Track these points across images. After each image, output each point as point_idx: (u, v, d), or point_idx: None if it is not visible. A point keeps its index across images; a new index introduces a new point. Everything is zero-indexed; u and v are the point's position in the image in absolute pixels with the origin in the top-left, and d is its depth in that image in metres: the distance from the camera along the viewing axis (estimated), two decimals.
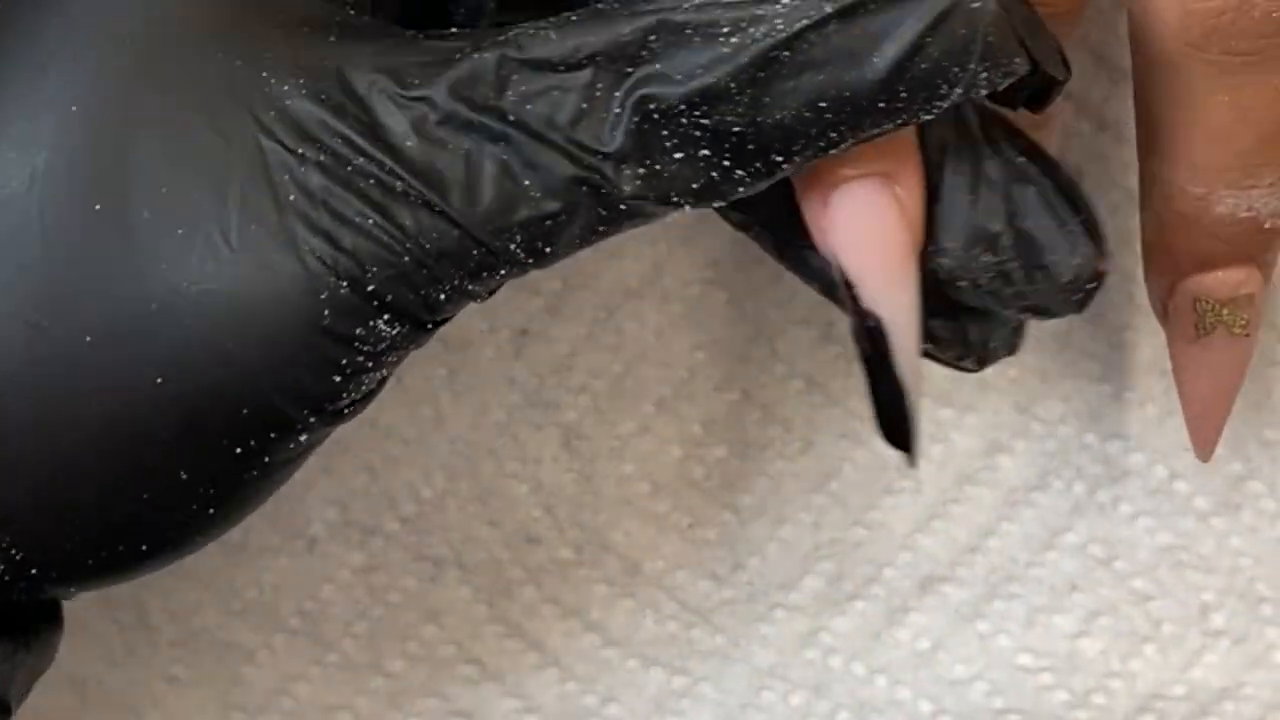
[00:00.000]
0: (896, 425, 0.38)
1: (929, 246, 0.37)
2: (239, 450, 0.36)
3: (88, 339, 0.35)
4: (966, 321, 0.39)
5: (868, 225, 0.36)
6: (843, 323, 0.47)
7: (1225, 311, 0.41)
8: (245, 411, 0.36)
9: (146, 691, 0.49)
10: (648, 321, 0.48)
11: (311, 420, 0.36)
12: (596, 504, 0.48)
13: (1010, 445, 0.48)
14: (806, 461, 0.48)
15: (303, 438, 0.37)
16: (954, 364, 0.40)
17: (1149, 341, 0.47)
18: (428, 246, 0.35)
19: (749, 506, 0.48)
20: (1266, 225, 0.40)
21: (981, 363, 0.40)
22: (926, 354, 0.38)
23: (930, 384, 0.48)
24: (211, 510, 0.37)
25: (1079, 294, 0.38)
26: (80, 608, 0.48)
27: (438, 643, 0.48)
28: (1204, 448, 0.44)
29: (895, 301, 0.37)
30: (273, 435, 0.36)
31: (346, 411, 0.37)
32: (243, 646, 0.48)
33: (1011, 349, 0.40)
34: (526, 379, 0.47)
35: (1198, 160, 0.39)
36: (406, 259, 0.35)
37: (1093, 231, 0.38)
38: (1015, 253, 0.37)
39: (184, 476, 0.36)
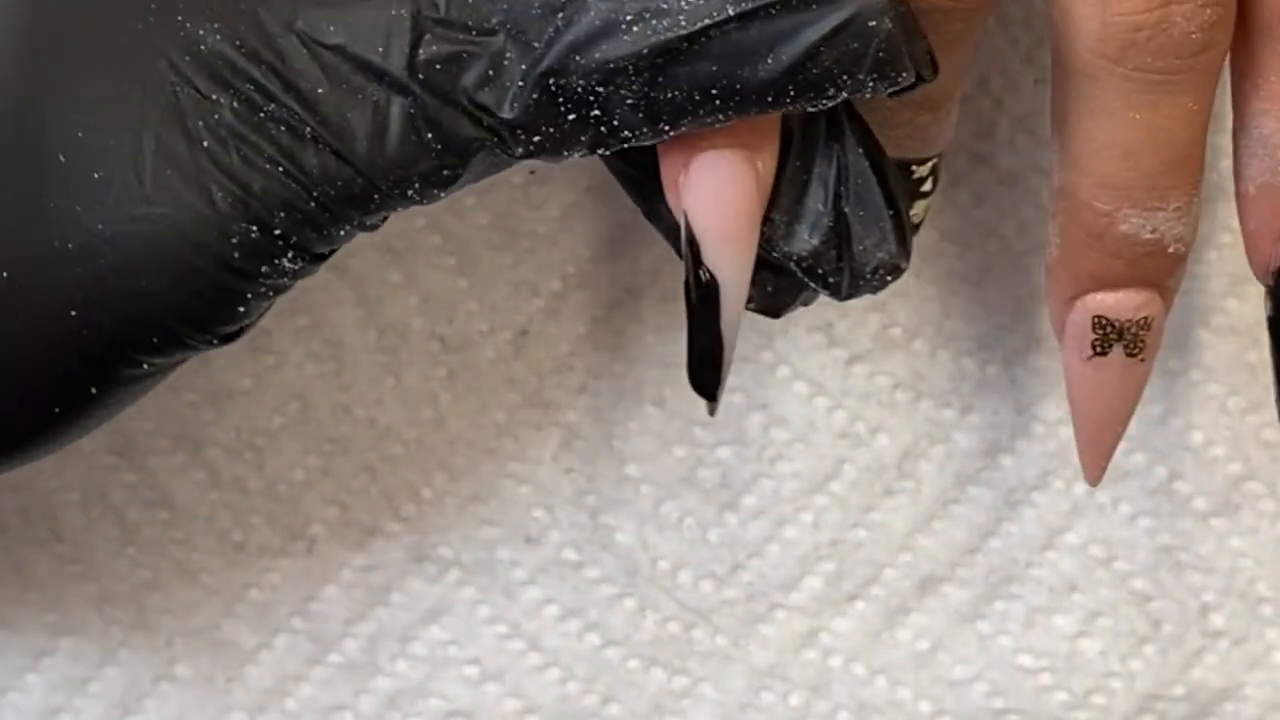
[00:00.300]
0: (707, 374, 0.40)
1: None
2: (146, 366, 0.38)
3: (4, 275, 0.37)
4: (766, 275, 0.40)
5: (725, 193, 0.38)
6: (843, 323, 0.47)
7: (1123, 333, 0.41)
8: (154, 340, 0.38)
9: (146, 690, 0.49)
10: (647, 321, 0.48)
11: (213, 342, 0.39)
12: (597, 504, 0.48)
13: (1011, 445, 0.48)
14: (807, 462, 0.48)
15: (203, 352, 0.39)
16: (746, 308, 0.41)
17: None
18: (332, 193, 0.37)
19: (749, 507, 0.48)
20: (1170, 250, 0.40)
21: (776, 312, 0.41)
22: None
23: (931, 384, 0.48)
24: (113, 406, 0.39)
25: (876, 282, 0.40)
26: (79, 604, 0.48)
27: (438, 643, 0.48)
28: (1093, 471, 0.44)
29: (734, 265, 0.38)
30: (177, 356, 0.39)
31: (243, 332, 0.39)
32: (243, 646, 0.48)
33: (806, 302, 0.42)
34: (526, 379, 0.48)
35: (1106, 176, 0.39)
36: (312, 204, 0.37)
37: (900, 230, 0.39)
38: (830, 234, 0.39)
39: (93, 391, 0.38)
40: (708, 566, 0.48)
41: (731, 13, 0.36)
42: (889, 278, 0.40)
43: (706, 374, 0.40)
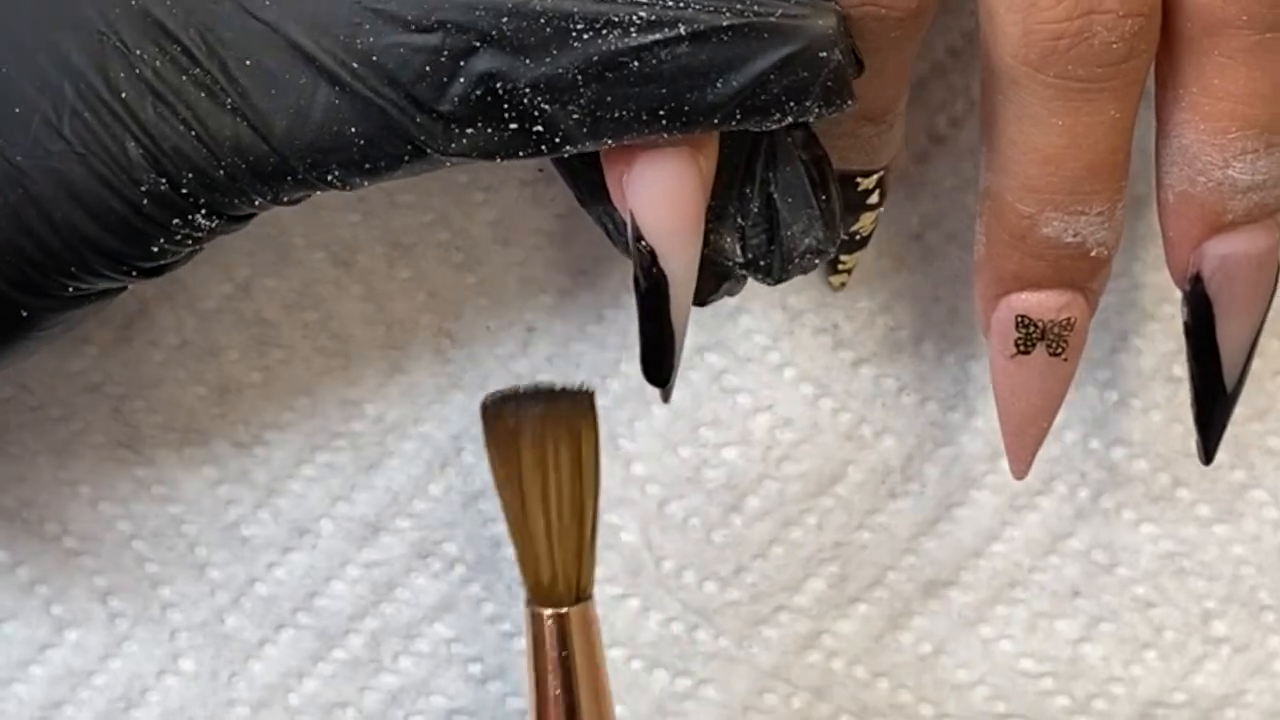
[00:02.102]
0: (660, 364, 0.40)
1: None
2: (71, 290, 0.39)
3: None
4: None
5: (669, 192, 0.38)
6: (850, 325, 0.47)
7: (1046, 333, 0.42)
8: (73, 268, 0.38)
9: (150, 684, 0.49)
10: None
11: (132, 274, 0.39)
12: (602, 504, 0.48)
13: None
14: (812, 463, 0.48)
15: (127, 284, 0.40)
16: None
17: (1154, 348, 0.47)
18: (243, 165, 0.37)
19: (754, 508, 0.48)
20: (1093, 253, 0.40)
21: (701, 301, 0.41)
22: None
23: (936, 387, 0.48)
24: (48, 328, 0.40)
25: (805, 265, 0.40)
26: (84, 597, 0.48)
27: (442, 640, 0.49)
28: (1019, 465, 0.44)
29: (681, 259, 0.39)
30: (99, 284, 0.39)
31: (164, 270, 0.40)
32: (247, 641, 0.48)
33: (731, 291, 0.42)
34: (533, 376, 0.48)
35: (1029, 179, 0.40)
36: (220, 173, 0.37)
37: (829, 219, 0.40)
38: (759, 219, 0.40)
39: (24, 314, 0.39)
40: (712, 567, 0.48)
41: (684, 32, 0.36)
42: (817, 261, 0.40)
43: (658, 364, 0.40)
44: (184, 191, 0.38)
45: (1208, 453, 0.44)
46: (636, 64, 0.36)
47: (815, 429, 0.48)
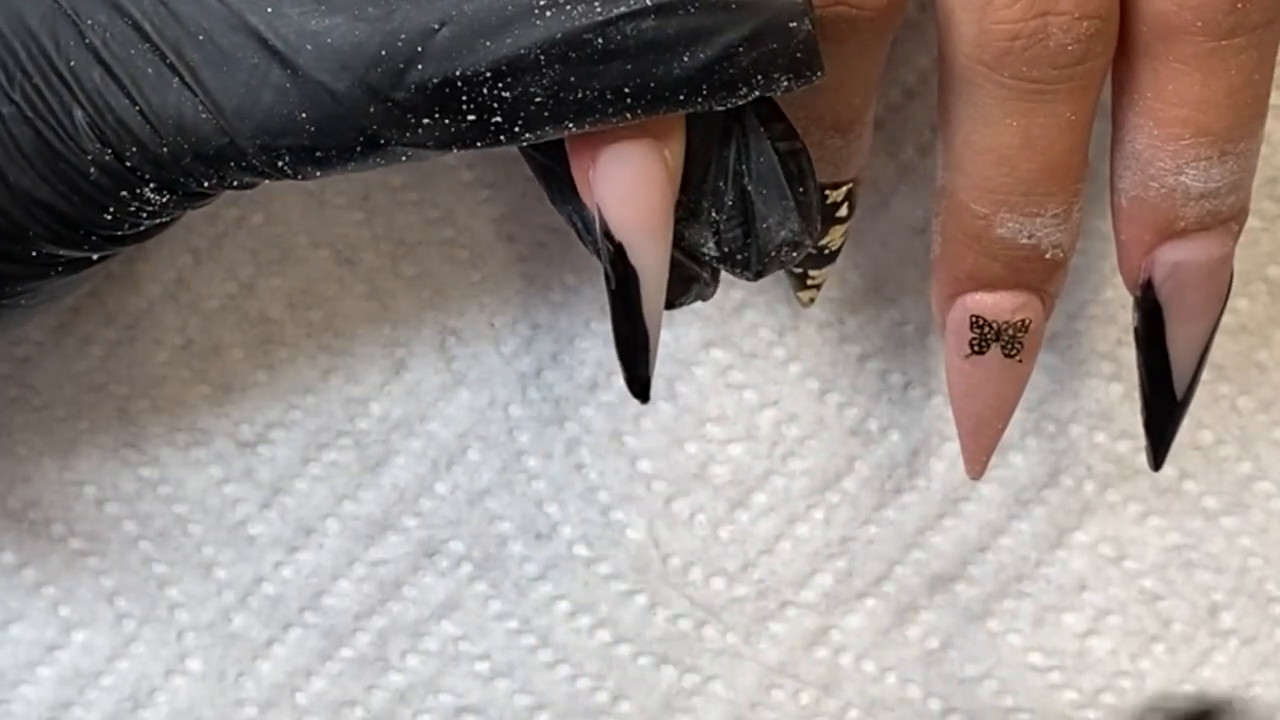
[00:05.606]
0: (636, 364, 0.39)
1: None
2: (33, 253, 0.38)
3: None
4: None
5: (635, 184, 0.37)
6: (855, 319, 0.47)
7: (1001, 334, 0.41)
8: (30, 232, 0.38)
9: (158, 684, 0.49)
10: None
11: (95, 240, 0.39)
12: (608, 500, 0.48)
13: (1021, 443, 0.48)
14: (818, 459, 0.48)
15: (93, 256, 0.39)
16: None
17: None
18: (185, 145, 0.37)
19: (761, 504, 0.48)
20: (1048, 255, 0.40)
21: (669, 304, 0.40)
22: None
23: (942, 382, 0.48)
24: (22, 292, 0.40)
25: (784, 259, 0.39)
26: (91, 597, 0.48)
27: (449, 638, 0.49)
28: (974, 466, 0.44)
29: (651, 254, 0.38)
30: (65, 254, 0.39)
31: (128, 240, 0.39)
32: (255, 640, 0.48)
33: (703, 296, 0.41)
34: (538, 374, 0.48)
35: (983, 180, 0.40)
36: (164, 150, 0.37)
37: (805, 211, 0.39)
38: (734, 212, 0.39)
39: None
40: (719, 563, 0.48)
41: (650, 4, 0.35)
42: (795, 254, 0.39)
43: (634, 364, 0.39)
44: (129, 164, 0.37)
45: (1157, 460, 0.43)
46: (600, 40, 0.35)
47: (821, 424, 0.48)
